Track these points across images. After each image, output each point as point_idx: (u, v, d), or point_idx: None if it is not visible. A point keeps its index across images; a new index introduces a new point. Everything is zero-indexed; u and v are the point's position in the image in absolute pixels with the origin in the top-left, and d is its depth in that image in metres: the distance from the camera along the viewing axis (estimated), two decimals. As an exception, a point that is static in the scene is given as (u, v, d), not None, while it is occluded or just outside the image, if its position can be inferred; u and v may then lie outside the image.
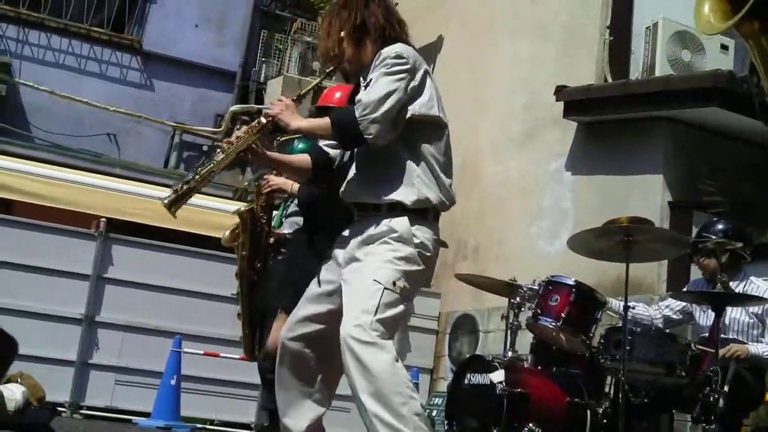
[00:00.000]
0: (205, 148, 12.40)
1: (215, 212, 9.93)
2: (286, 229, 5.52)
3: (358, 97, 3.33)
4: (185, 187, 3.46)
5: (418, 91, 3.37)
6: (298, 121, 3.45)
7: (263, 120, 3.48)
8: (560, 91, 8.39)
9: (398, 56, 3.33)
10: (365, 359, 3.08)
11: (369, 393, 3.08)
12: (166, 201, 3.47)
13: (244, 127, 3.55)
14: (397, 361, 3.13)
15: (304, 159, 3.77)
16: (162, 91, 12.32)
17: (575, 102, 8.34)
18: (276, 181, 5.23)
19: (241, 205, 5.49)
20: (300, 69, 12.55)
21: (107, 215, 9.29)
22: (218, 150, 3.50)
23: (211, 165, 3.45)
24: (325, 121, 3.42)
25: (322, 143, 3.74)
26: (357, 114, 3.24)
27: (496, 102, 9.94)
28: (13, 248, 8.34)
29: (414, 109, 3.36)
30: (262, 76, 12.88)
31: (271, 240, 5.41)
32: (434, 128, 3.44)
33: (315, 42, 12.88)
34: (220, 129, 12.22)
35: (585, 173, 8.46)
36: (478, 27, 10.58)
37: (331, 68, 3.62)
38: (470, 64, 10.34)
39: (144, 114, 11.87)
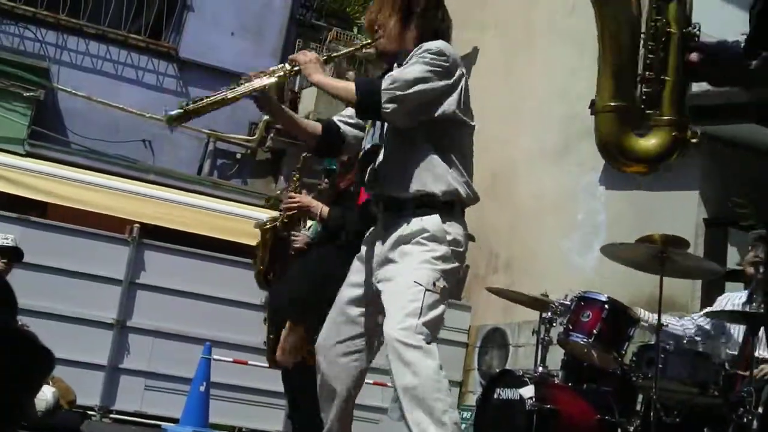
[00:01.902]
0: (238, 156, 12.46)
1: (247, 220, 9.95)
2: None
3: (389, 74, 3.31)
4: (192, 106, 3.32)
5: (451, 91, 3.35)
6: (320, 75, 3.38)
7: (288, 66, 3.42)
8: (595, 104, 8.33)
9: (440, 53, 3.32)
10: (412, 363, 3.07)
11: (412, 398, 3.07)
12: (169, 114, 3.33)
13: (265, 70, 3.47)
14: (441, 368, 3.12)
15: (313, 125, 3.66)
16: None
17: (611, 116, 8.28)
18: (302, 200, 5.12)
19: (265, 217, 5.43)
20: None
21: (140, 221, 9.35)
22: (237, 84, 3.41)
23: (224, 94, 3.35)
24: (347, 83, 3.38)
25: (337, 118, 3.66)
26: (383, 85, 3.22)
27: (532, 114, 9.90)
28: (47, 252, 8.40)
29: (446, 107, 3.33)
30: (297, 85, 12.92)
31: (292, 252, 5.35)
32: (461, 128, 3.43)
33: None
34: (254, 137, 12.27)
35: (619, 188, 8.39)
36: (515, 38, 10.55)
37: (366, 43, 3.58)
38: (506, 76, 10.31)
39: (179, 121, 11.95)
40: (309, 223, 5.54)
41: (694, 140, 2.60)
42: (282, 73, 3.42)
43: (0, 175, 9.67)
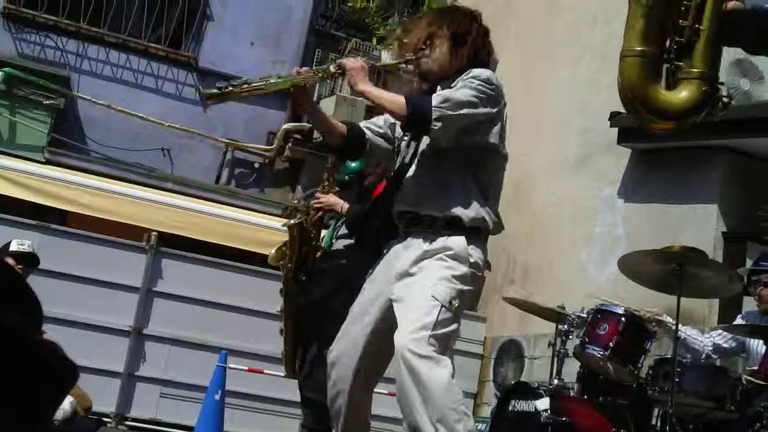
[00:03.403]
0: (256, 165, 12.49)
1: (264, 229, 9.98)
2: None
3: (439, 92, 3.32)
4: (230, 89, 3.33)
5: (494, 120, 3.40)
6: (367, 85, 3.37)
7: (332, 68, 3.41)
8: (615, 117, 8.31)
9: (488, 81, 3.35)
10: (422, 373, 3.07)
11: (424, 408, 3.07)
12: (207, 92, 3.35)
13: (307, 68, 3.47)
14: (453, 378, 3.14)
15: (341, 126, 3.62)
16: (216, 107, 12.36)
17: (630, 128, 8.26)
18: (326, 199, 5.18)
19: (292, 220, 5.44)
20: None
21: (158, 229, 9.38)
22: (278, 76, 3.43)
23: (264, 82, 3.38)
24: (394, 95, 3.38)
25: (364, 124, 3.68)
26: (435, 102, 3.23)
27: (552, 125, 9.88)
28: (66, 259, 8.44)
29: (486, 135, 3.38)
30: (315, 94, 12.94)
31: (318, 254, 5.35)
32: (497, 158, 3.48)
33: (369, 63, 12.87)
34: (272, 147, 12.29)
35: (638, 200, 8.36)
36: (536, 50, 10.55)
37: (412, 58, 3.52)
38: (527, 87, 10.29)
39: (198, 130, 11.99)
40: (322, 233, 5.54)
41: (725, 99, 2.45)
42: (324, 74, 3.43)
43: (19, 183, 9.73)
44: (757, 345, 5.42)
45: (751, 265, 5.79)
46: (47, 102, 11.03)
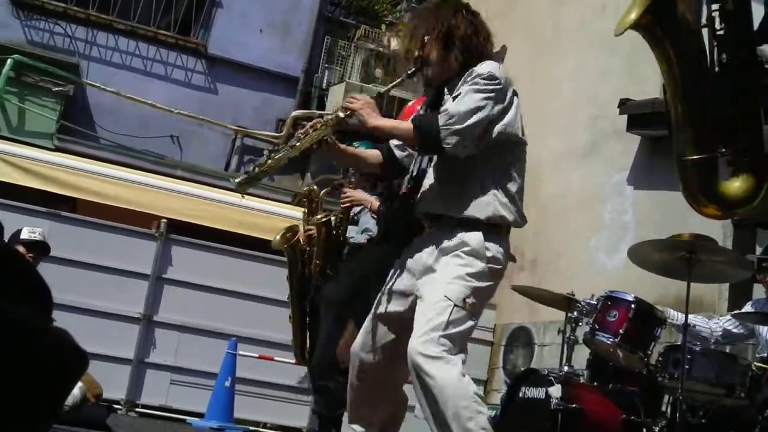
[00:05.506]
0: (265, 152, 12.48)
1: (274, 216, 9.99)
2: (351, 233, 5.49)
3: (444, 107, 3.31)
4: (257, 170, 3.46)
5: (505, 111, 3.36)
6: (377, 120, 3.41)
7: (341, 114, 3.43)
8: (624, 104, 8.29)
9: (491, 77, 3.33)
10: (431, 374, 3.07)
11: (435, 407, 3.08)
12: (238, 181, 3.49)
13: (319, 120, 3.48)
14: (463, 375, 3.12)
15: (375, 154, 3.71)
16: (225, 94, 12.43)
17: (639, 115, 8.24)
18: (356, 195, 5.20)
19: (319, 217, 5.48)
20: (362, 76, 12.57)
21: (168, 216, 9.39)
22: (293, 139, 3.46)
23: (285, 152, 3.42)
24: (406, 124, 3.42)
25: (392, 143, 3.68)
26: (440, 122, 3.23)
27: (560, 113, 9.86)
28: (76, 246, 8.46)
29: (500, 128, 3.34)
30: (325, 82, 12.92)
31: (346, 250, 5.40)
32: (514, 147, 3.44)
33: (378, 49, 12.88)
34: (282, 134, 12.29)
35: (647, 187, 8.34)
36: (544, 38, 10.51)
37: (413, 70, 3.52)
38: (535, 75, 10.26)
39: (207, 117, 11.99)
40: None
41: None
42: (336, 121, 3.42)
43: (29, 170, 9.75)
44: (765, 331, 5.41)
45: (760, 253, 5.78)
46: (56, 89, 11.04)
